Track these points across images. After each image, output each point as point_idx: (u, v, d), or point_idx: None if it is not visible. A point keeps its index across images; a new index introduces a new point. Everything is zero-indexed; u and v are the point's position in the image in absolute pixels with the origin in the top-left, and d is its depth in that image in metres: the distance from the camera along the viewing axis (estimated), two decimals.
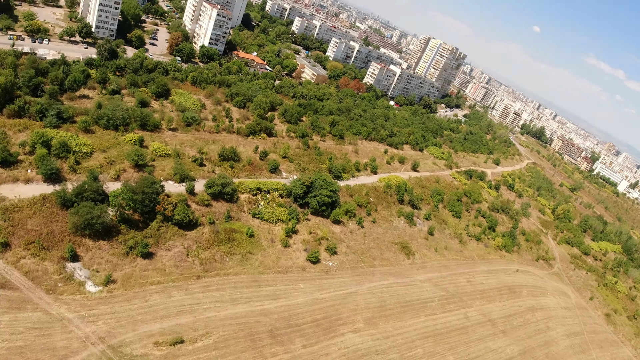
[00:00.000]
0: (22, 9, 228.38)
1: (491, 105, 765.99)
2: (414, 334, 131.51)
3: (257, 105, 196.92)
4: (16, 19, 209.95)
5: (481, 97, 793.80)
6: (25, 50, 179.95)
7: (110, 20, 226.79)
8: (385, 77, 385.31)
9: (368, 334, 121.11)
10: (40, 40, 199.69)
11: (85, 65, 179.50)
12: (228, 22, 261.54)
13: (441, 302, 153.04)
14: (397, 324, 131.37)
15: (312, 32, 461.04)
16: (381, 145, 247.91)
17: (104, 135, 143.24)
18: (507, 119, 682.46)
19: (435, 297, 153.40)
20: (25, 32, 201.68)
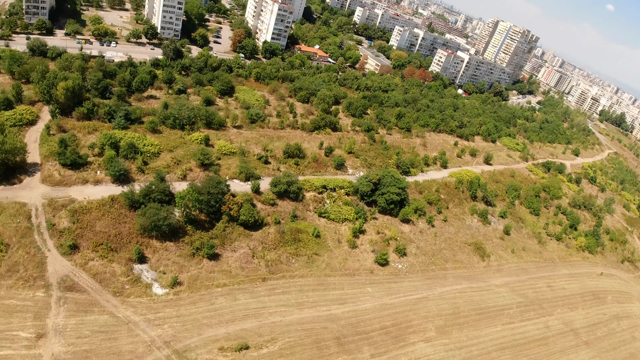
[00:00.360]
0: (89, 14, 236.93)
1: (566, 91, 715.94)
2: (490, 344, 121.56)
3: (321, 99, 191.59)
4: (84, 23, 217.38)
5: (555, 82, 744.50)
6: (94, 53, 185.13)
7: (175, 20, 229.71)
8: (452, 65, 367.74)
9: (440, 344, 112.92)
10: (108, 43, 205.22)
11: (152, 66, 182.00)
12: (289, 16, 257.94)
13: (519, 309, 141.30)
14: (471, 333, 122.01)
15: (374, 21, 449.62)
16: (450, 137, 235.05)
17: (171, 135, 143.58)
18: (584, 105, 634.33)
19: (513, 304, 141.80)
20: (93, 35, 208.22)
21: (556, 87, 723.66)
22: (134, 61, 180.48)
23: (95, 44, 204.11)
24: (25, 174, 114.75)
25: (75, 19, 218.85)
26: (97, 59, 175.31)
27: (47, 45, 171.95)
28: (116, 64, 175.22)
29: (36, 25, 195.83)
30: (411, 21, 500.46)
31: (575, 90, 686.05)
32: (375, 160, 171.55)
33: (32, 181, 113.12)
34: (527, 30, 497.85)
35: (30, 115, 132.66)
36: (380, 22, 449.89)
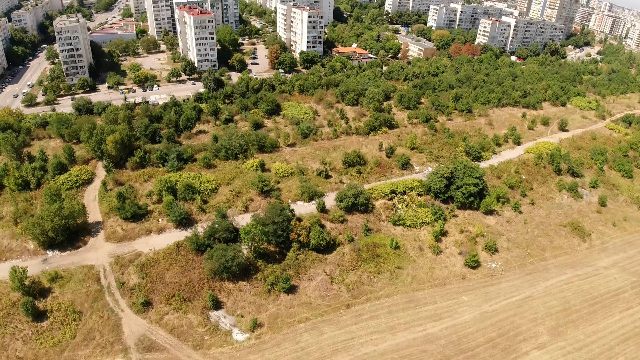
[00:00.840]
0: (127, 63, 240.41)
1: (623, 35, 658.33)
2: (610, 338, 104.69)
3: (371, 98, 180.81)
4: (124, 73, 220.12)
5: (610, 28, 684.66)
6: (138, 100, 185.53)
7: (210, 51, 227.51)
8: (499, 32, 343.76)
9: (557, 348, 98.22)
10: (150, 88, 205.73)
11: (195, 101, 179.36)
12: (321, 20, 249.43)
13: (635, 290, 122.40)
14: (588, 328, 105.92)
15: (406, 6, 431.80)
16: (516, 109, 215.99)
17: (226, 166, 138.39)
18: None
19: (627, 286, 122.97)
20: (135, 83, 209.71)
21: (611, 33, 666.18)
22: (178, 100, 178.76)
23: (138, 90, 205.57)
24: (89, 234, 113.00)
25: (115, 71, 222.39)
26: (141, 105, 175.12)
27: (92, 102, 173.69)
28: (161, 106, 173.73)
29: (78, 84, 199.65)
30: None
31: (633, 32, 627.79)
32: (441, 151, 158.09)
33: (96, 241, 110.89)
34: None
35: (86, 175, 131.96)
36: (413, 6, 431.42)
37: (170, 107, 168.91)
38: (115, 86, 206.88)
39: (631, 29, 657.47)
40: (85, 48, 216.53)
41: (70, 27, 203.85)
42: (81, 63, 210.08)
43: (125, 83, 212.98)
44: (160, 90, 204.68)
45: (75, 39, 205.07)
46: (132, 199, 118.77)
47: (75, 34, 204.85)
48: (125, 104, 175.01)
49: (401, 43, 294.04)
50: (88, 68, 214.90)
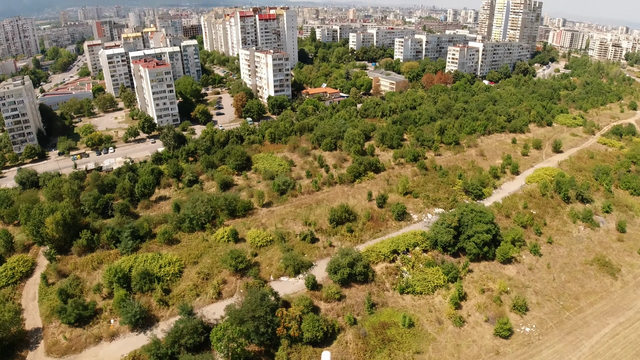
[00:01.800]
0: (82, 124, 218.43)
1: (582, 47, 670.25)
2: None
3: (350, 140, 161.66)
4: (77, 137, 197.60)
5: (569, 42, 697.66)
6: (90, 166, 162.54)
7: (169, 105, 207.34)
8: (468, 58, 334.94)
9: None
10: (105, 151, 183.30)
11: (154, 162, 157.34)
12: (286, 63, 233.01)
13: None
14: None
15: (370, 42, 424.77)
16: (504, 135, 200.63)
17: (191, 240, 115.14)
18: (607, 56, 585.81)
19: None
20: (88, 146, 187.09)
21: (571, 47, 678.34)
22: (135, 162, 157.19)
23: (92, 155, 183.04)
24: (27, 347, 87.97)
25: (67, 135, 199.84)
26: (92, 172, 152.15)
27: (38, 173, 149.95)
28: (115, 172, 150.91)
29: (25, 153, 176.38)
30: (407, 30, 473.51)
31: (594, 43, 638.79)
32: (437, 193, 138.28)
33: (36, 356, 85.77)
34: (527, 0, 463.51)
35: (24, 266, 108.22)
36: (377, 41, 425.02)
37: (124, 172, 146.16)
38: (66, 152, 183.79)
39: (591, 40, 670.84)
40: (33, 112, 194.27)
41: (14, 92, 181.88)
42: (28, 129, 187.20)
43: (78, 147, 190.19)
44: (116, 153, 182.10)
45: (21, 104, 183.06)
46: (78, 296, 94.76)
47: (20, 98, 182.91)
48: (74, 172, 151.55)
49: (371, 79, 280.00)
50: (37, 134, 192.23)
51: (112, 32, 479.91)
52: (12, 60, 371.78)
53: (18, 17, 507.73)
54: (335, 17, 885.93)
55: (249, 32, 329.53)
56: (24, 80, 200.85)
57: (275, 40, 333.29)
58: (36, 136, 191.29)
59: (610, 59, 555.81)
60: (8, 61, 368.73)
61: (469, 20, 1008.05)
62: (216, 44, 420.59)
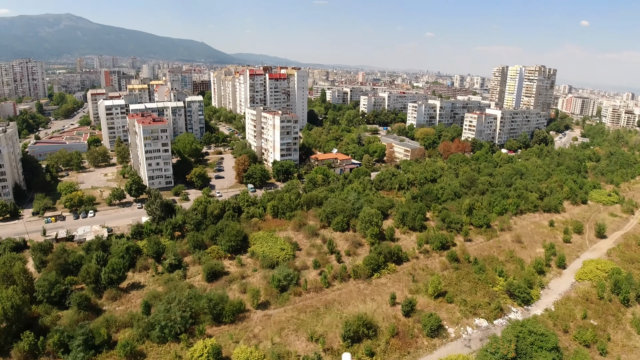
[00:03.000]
0: (68, 179, 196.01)
1: (593, 114, 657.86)
2: None
3: (366, 221, 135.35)
4: (58, 195, 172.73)
5: (579, 109, 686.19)
6: (61, 234, 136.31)
7: (163, 166, 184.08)
8: (486, 126, 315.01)
9: None
10: (84, 214, 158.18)
11: (133, 236, 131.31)
12: (295, 125, 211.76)
13: None
14: None
15: (382, 105, 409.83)
16: (538, 215, 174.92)
17: (161, 356, 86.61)
18: (620, 122, 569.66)
19: None
20: (66, 208, 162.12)
21: (582, 114, 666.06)
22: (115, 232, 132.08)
23: (69, 217, 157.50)
24: None
25: (48, 191, 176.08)
26: (60, 243, 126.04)
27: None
28: (84, 245, 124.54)
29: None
30: (419, 95, 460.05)
31: (606, 110, 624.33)
32: (475, 295, 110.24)
33: None
34: (542, 67, 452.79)
35: None
36: (388, 105, 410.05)
37: (94, 249, 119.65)
38: (41, 212, 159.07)
39: (602, 108, 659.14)
40: (12, 164, 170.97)
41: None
42: (3, 183, 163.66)
43: (56, 207, 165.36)
44: (96, 218, 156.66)
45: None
46: None
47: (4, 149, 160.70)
48: (38, 243, 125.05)
49: (385, 144, 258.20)
50: (13, 188, 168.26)
51: (120, 82, 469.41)
52: (11, 103, 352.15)
53: (28, 60, 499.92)
54: (345, 80, 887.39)
55: (258, 90, 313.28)
56: (7, 128, 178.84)
57: (285, 100, 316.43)
58: (12, 190, 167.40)
59: (624, 126, 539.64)
60: (7, 103, 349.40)
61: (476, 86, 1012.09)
62: (224, 100, 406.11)
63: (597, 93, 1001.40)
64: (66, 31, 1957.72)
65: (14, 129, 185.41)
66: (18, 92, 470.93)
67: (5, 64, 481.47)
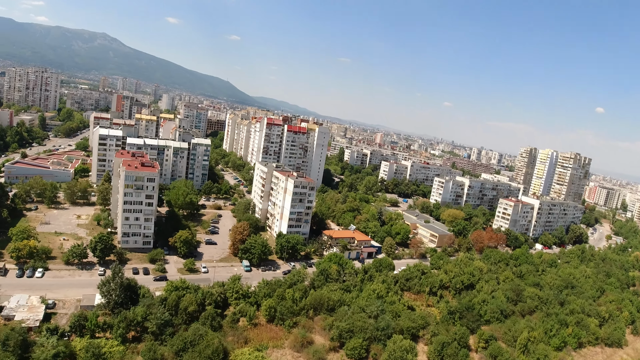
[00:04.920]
0: (33, 215, 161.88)
1: (617, 205, 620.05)
2: None
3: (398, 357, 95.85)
4: (8, 239, 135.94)
5: (604, 200, 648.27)
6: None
7: (144, 223, 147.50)
8: (521, 216, 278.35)
9: None
10: (31, 272, 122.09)
11: (72, 329, 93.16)
12: (310, 193, 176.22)
13: None
14: None
15: (403, 174, 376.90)
16: (599, 349, 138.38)
17: None
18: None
19: None
20: (13, 259, 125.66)
21: (606, 205, 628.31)
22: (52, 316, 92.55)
23: (11, 273, 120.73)
24: None
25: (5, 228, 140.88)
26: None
27: None
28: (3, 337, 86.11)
29: None
30: (444, 169, 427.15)
31: (633, 205, 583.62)
32: None
33: None
34: (577, 154, 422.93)
35: None
36: (410, 174, 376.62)
37: (12, 346, 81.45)
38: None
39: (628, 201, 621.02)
40: None
41: None
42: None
43: (3, 254, 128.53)
44: (43, 280, 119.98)
45: None
46: None
47: None
48: None
49: (408, 225, 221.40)
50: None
51: (131, 109, 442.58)
52: (9, 111, 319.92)
53: (45, 69, 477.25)
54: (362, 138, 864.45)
55: (274, 141, 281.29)
56: None
57: (301, 156, 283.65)
58: None
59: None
60: (4, 111, 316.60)
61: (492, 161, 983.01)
62: (236, 145, 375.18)
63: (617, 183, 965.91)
64: (99, 49, 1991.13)
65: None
66: (28, 100, 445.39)
67: (20, 70, 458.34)
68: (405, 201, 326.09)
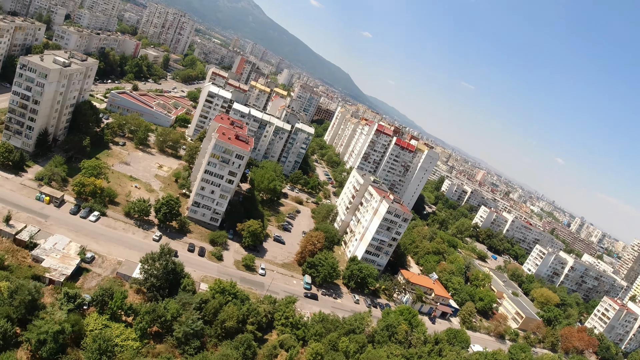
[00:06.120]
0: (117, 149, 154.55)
1: None
2: None
3: None
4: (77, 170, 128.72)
5: None
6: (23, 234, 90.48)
7: (218, 199, 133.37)
8: (621, 323, 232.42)
9: None
10: (86, 213, 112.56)
11: (94, 301, 79.65)
12: (402, 224, 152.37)
13: None
14: None
15: (500, 227, 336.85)
16: None
17: None
18: None
19: None
20: (75, 192, 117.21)
21: None
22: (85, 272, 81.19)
23: (66, 207, 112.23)
24: None
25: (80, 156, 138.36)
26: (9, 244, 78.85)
27: None
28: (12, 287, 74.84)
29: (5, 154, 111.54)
30: (546, 236, 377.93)
31: None
32: None
33: None
34: None
35: None
36: (508, 230, 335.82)
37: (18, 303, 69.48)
38: (45, 180, 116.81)
39: None
40: (54, 106, 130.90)
41: (38, 67, 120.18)
42: (31, 123, 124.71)
43: (69, 183, 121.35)
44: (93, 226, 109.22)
45: (39, 87, 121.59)
46: None
47: (43, 80, 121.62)
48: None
49: (494, 293, 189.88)
50: (40, 135, 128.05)
51: (250, 74, 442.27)
52: (135, 42, 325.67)
53: (184, 14, 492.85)
54: (463, 170, 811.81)
55: (377, 150, 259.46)
56: (71, 62, 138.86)
57: (400, 173, 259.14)
58: (36, 138, 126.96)
59: None
60: (130, 40, 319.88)
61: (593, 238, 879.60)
62: (338, 140, 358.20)
63: None
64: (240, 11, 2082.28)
65: (84, 68, 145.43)
66: (160, 38, 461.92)
67: (160, 7, 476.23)
68: (495, 258, 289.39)
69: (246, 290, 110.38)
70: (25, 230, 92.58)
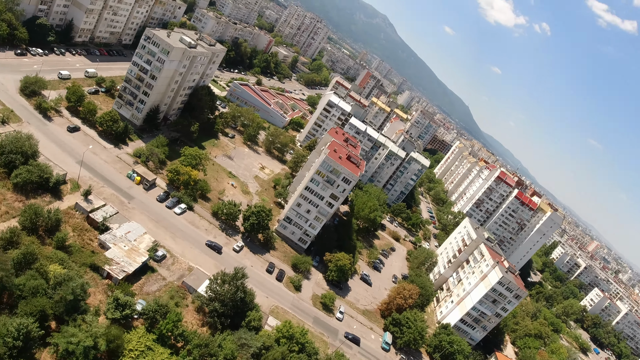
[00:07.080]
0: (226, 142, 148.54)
1: None
2: None
3: None
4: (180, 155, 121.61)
5: None
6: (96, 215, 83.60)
7: (312, 221, 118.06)
8: None
9: None
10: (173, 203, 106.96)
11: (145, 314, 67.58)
12: (512, 301, 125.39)
13: None
14: None
15: (611, 316, 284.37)
16: None
17: None
18: None
19: None
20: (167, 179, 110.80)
21: None
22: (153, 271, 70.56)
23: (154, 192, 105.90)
24: None
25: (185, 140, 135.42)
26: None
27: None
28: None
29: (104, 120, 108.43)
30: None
31: None
32: None
33: None
34: None
35: None
36: (617, 322, 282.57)
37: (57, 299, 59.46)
38: (142, 158, 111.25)
39: None
40: (171, 86, 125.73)
41: (162, 42, 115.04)
42: (144, 97, 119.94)
43: (165, 168, 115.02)
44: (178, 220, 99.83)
45: (158, 62, 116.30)
46: None
47: (164, 57, 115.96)
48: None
49: None
50: (150, 112, 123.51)
51: (372, 90, 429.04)
52: (269, 38, 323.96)
53: (320, 20, 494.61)
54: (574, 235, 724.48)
55: (493, 199, 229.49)
56: (198, 44, 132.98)
57: (514, 230, 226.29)
58: (147, 113, 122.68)
59: None
60: (264, 35, 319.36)
61: None
62: (449, 176, 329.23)
63: None
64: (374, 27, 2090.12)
65: (209, 53, 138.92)
66: (293, 39, 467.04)
67: (299, 10, 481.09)
68: (597, 352, 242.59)
69: (317, 335, 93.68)
70: (101, 209, 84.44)
